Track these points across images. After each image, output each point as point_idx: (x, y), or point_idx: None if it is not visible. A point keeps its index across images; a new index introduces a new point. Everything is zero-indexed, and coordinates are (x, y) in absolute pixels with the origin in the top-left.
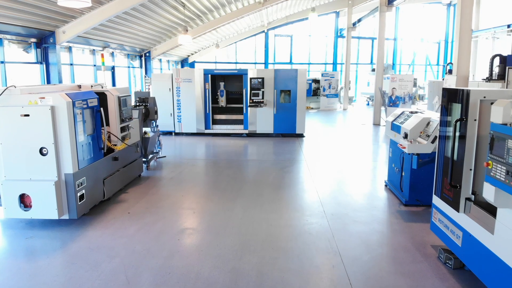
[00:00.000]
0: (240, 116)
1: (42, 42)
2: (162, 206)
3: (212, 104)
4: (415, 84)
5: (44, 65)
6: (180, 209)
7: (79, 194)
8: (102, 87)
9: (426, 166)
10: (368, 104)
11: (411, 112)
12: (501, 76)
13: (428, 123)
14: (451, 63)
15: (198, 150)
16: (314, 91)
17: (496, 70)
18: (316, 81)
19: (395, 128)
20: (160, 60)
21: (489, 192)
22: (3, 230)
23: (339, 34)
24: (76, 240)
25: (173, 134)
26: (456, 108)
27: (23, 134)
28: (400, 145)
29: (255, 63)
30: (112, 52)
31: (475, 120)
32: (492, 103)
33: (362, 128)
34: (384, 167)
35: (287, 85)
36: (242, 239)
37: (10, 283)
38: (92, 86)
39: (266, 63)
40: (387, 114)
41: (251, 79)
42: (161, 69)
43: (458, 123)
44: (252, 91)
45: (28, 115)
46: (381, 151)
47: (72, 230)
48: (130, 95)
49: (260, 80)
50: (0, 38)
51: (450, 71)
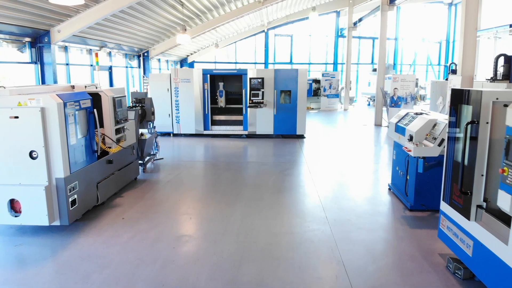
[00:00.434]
0: (240, 117)
1: (37, 41)
2: (158, 211)
3: (211, 105)
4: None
5: (39, 65)
6: (177, 214)
7: (70, 199)
8: (97, 88)
9: (432, 169)
10: (369, 104)
11: (416, 114)
12: (506, 76)
13: (435, 125)
14: (454, 63)
15: (196, 152)
16: (315, 91)
17: (500, 70)
18: (317, 81)
19: (399, 130)
20: (159, 60)
21: (504, 201)
22: None
23: (339, 34)
24: (67, 248)
25: (171, 135)
26: (466, 110)
27: (12, 136)
28: (405, 148)
29: (255, 63)
30: (110, 52)
31: (487, 123)
32: (505, 105)
33: (363, 129)
34: (386, 169)
35: (287, 85)
36: (240, 247)
37: None
38: (86, 87)
39: (266, 63)
40: (389, 115)
41: (250, 79)
42: (159, 69)
43: (469, 126)
44: (252, 92)
45: (17, 117)
46: (383, 152)
47: (64, 237)
48: (125, 96)
49: (260, 80)
50: None
51: (453, 71)
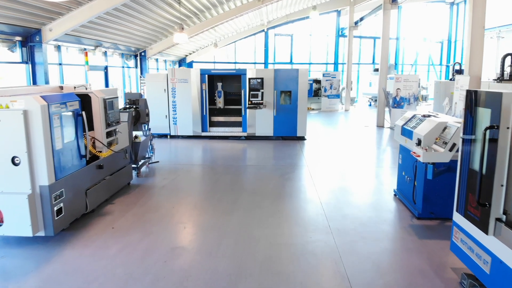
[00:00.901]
0: (239, 118)
1: (28, 40)
2: (150, 220)
3: (209, 106)
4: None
5: (30, 65)
6: (170, 223)
7: (56, 208)
8: (87, 88)
9: (442, 175)
10: (370, 105)
11: (424, 116)
12: None
13: (445, 129)
14: (458, 62)
15: (194, 154)
16: (315, 92)
17: (508, 70)
18: (317, 81)
19: (406, 133)
20: (156, 60)
21: None
22: None
23: (340, 34)
24: (51, 261)
25: (168, 137)
26: (484, 113)
27: None
28: (414, 153)
29: (255, 63)
30: (105, 51)
31: (507, 128)
32: None
33: (365, 130)
34: (390, 173)
35: (287, 85)
36: (237, 261)
37: None
38: (75, 88)
39: (266, 63)
40: (391, 116)
41: (250, 79)
42: (157, 69)
43: (488, 131)
44: (251, 92)
45: None
46: (386, 155)
47: (49, 249)
48: (117, 97)
49: (259, 80)
50: None
51: (457, 71)
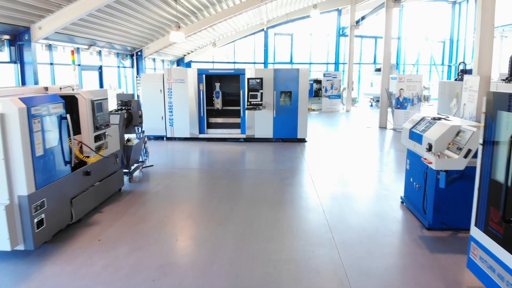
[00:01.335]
0: (237, 120)
1: (16, 39)
2: (140, 231)
3: (207, 107)
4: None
5: (19, 64)
6: (161, 235)
7: (36, 220)
8: (73, 89)
9: (454, 183)
10: (371, 105)
11: (434, 119)
12: None
13: (458, 133)
14: (464, 62)
15: (190, 158)
16: (316, 92)
17: None
18: (318, 81)
19: (414, 137)
20: (153, 59)
21: None
22: None
23: (341, 33)
24: (30, 279)
25: (164, 139)
26: (509, 118)
27: None
28: (425, 159)
29: (254, 63)
30: (100, 51)
31: None
32: None
33: (367, 132)
34: (396, 178)
35: (287, 86)
36: (232, 280)
37: None
38: (61, 89)
39: (265, 63)
40: (394, 117)
41: (248, 79)
42: (154, 69)
43: None
44: (250, 93)
45: None
46: (390, 158)
47: (28, 264)
48: (106, 98)
49: (258, 80)
50: None
51: (463, 71)
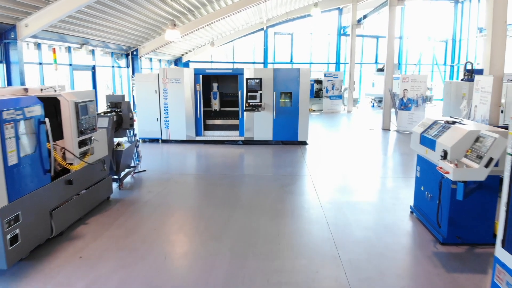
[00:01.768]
0: (236, 121)
1: (2, 37)
2: (127, 246)
3: (204, 108)
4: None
5: (5, 64)
6: (149, 251)
7: (9, 236)
8: (55, 91)
9: (472, 194)
10: (373, 106)
11: (448, 123)
12: None
13: (477, 139)
14: (470, 62)
15: (185, 162)
16: (316, 92)
17: None
18: (319, 81)
19: (426, 142)
20: (150, 59)
21: None
22: None
23: (342, 32)
24: None
25: (159, 141)
26: None
27: None
28: (440, 168)
29: (254, 63)
30: (93, 50)
31: None
32: None
33: (370, 134)
34: (403, 185)
35: (288, 86)
36: None
37: None
38: (42, 90)
39: (265, 63)
40: (398, 118)
41: (247, 79)
42: (151, 68)
43: None
44: (249, 93)
45: None
46: (396, 162)
47: (3, 285)
48: (93, 100)
49: (257, 81)
50: None
51: (469, 71)
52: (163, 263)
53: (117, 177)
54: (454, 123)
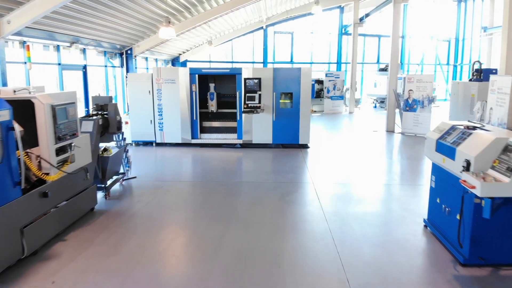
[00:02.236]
0: (233, 123)
1: None
2: (107, 268)
3: (200, 109)
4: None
5: None
6: (130, 275)
7: None
8: (30, 92)
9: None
10: (375, 106)
11: (468, 128)
12: None
13: (507, 148)
14: (479, 61)
15: (179, 167)
16: (317, 93)
17: None
18: (320, 81)
19: (443, 149)
20: (146, 58)
21: None
22: None
23: (343, 31)
24: None
25: (153, 144)
26: None
27: None
28: (464, 182)
29: (253, 62)
30: (84, 48)
31: None
32: None
33: (374, 136)
34: (413, 193)
35: (288, 86)
36: None
37: None
38: (15, 92)
39: (265, 62)
40: (403, 120)
41: (245, 79)
42: (147, 68)
43: None
44: (247, 94)
45: None
46: (403, 168)
47: None
48: (74, 103)
49: (256, 81)
50: None
51: (477, 71)
52: None
53: (103, 185)
54: (474, 128)
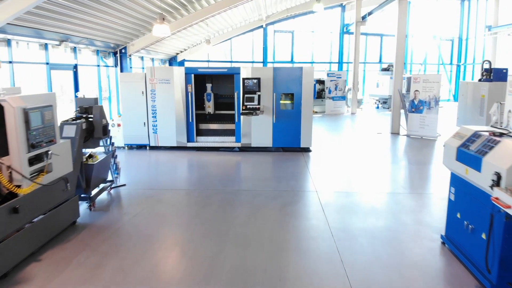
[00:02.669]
0: (231, 126)
1: None
2: None
3: (197, 111)
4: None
5: None
6: None
7: None
8: (0, 95)
9: None
10: (377, 107)
11: (494, 135)
12: None
13: None
14: (488, 60)
15: (173, 173)
16: (319, 93)
17: None
18: (321, 81)
19: (466, 159)
20: (142, 58)
21: None
22: None
23: (345, 30)
24: None
25: (147, 148)
26: None
27: None
28: (496, 199)
29: (252, 62)
30: (75, 47)
31: None
32: None
33: (379, 139)
34: (424, 203)
35: (289, 87)
36: None
37: None
38: None
39: (264, 62)
40: (408, 122)
41: (244, 79)
42: (143, 68)
43: None
44: (246, 95)
45: None
46: (411, 174)
47: None
48: (51, 106)
49: (255, 81)
50: None
51: (486, 70)
52: None
53: (86, 195)
54: (501, 135)
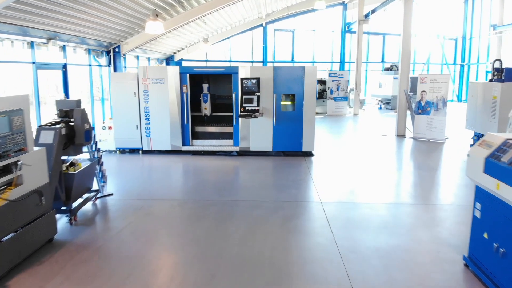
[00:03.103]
0: (229, 128)
1: None
2: None
3: (192, 113)
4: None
5: None
6: None
7: None
8: None
9: None
10: (380, 107)
11: None
12: None
13: None
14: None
15: (166, 180)
16: (320, 94)
17: None
18: (322, 82)
19: (496, 171)
20: (137, 57)
21: None
22: None
23: (347, 29)
24: None
25: (140, 152)
26: None
27: None
28: None
29: (252, 62)
30: (64, 45)
31: None
32: None
33: (384, 142)
34: (441, 215)
35: (290, 87)
36: None
37: None
38: None
39: (264, 61)
40: (414, 124)
41: (242, 79)
42: (138, 67)
43: None
44: (244, 96)
45: None
46: (422, 182)
47: None
48: (20, 110)
49: (254, 81)
50: None
51: (497, 70)
52: None
53: (67, 208)
54: None
